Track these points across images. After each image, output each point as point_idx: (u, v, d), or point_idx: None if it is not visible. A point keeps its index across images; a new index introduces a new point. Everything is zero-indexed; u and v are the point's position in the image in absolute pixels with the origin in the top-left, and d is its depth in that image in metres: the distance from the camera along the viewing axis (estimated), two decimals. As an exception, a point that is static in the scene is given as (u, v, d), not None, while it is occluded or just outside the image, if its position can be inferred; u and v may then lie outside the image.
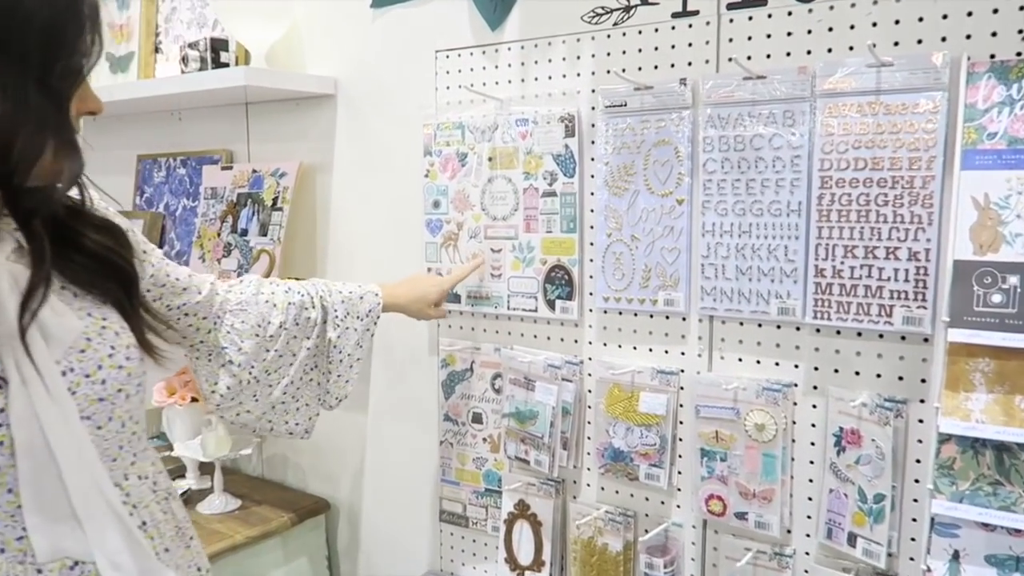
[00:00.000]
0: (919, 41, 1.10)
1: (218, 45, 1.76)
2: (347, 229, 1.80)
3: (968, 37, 1.07)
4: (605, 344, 1.44)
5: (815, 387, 1.23)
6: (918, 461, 1.15)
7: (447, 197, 1.59)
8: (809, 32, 1.18)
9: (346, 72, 1.76)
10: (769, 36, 1.22)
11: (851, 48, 1.15)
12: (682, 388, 1.36)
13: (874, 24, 1.13)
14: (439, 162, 1.59)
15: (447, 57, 1.58)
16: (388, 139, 1.70)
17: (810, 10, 1.18)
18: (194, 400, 1.88)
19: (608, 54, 1.38)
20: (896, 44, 1.12)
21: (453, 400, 1.64)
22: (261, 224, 1.83)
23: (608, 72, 1.38)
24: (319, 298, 1.32)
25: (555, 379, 1.43)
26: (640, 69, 1.34)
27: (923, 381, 1.14)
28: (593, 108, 1.41)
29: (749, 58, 1.23)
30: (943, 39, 1.08)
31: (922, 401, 1.14)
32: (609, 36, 1.37)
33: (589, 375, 1.46)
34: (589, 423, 1.47)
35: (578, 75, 1.42)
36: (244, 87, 1.69)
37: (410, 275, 1.54)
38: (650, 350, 1.39)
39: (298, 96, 1.81)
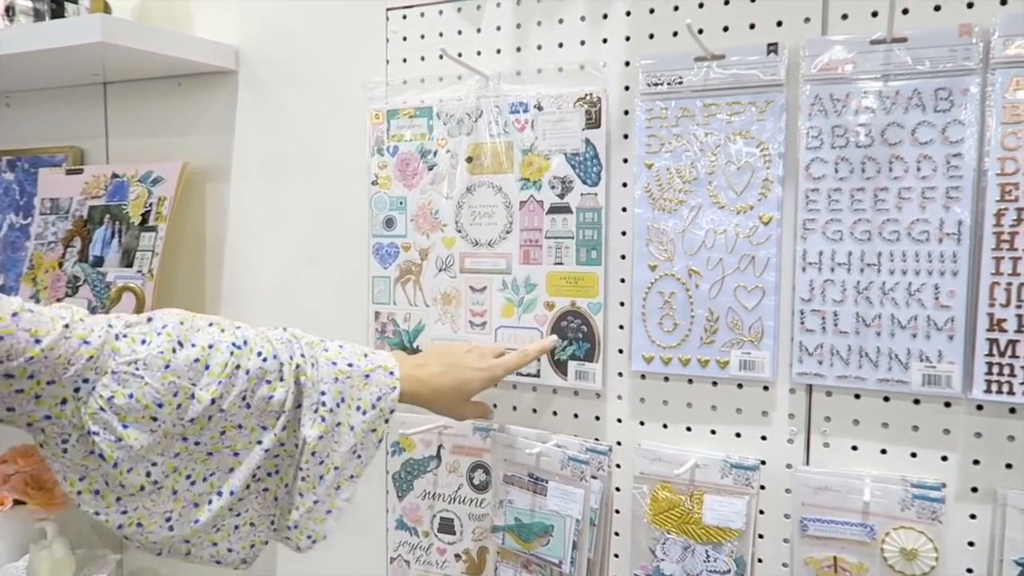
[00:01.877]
0: None
1: (61, -7, 1.23)
2: (253, 259, 1.29)
3: None
4: (642, 423, 1.01)
5: (974, 489, 0.85)
6: None
7: (405, 213, 1.12)
8: (970, -24, 0.82)
9: (253, 39, 1.26)
10: (906, -18, 0.84)
11: (1038, -1, 0.79)
12: (763, 487, 0.94)
13: (1075, -36, 0.78)
14: (394, 164, 1.12)
15: (404, 17, 1.13)
16: (316, 132, 1.22)
17: (972, -55, 0.82)
18: (19, 503, 1.30)
19: (651, 11, 0.97)
20: (1110, -7, 0.77)
21: (411, 500, 1.15)
22: (124, 250, 1.29)
23: (651, 37, 0.97)
24: (293, 366, 0.79)
25: (581, 478, 0.98)
26: (702, 32, 0.93)
27: None
28: (627, 88, 0.99)
29: (875, 15, 0.86)
30: None
31: None
32: (653, -15, 0.97)
33: (618, 467, 1.02)
34: (617, 535, 1.03)
35: (604, 41, 1.00)
36: (102, 53, 1.17)
37: (434, 346, 1.02)
38: (712, 432, 0.97)
39: (181, 72, 1.30)
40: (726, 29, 0.93)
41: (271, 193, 1.26)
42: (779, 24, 0.90)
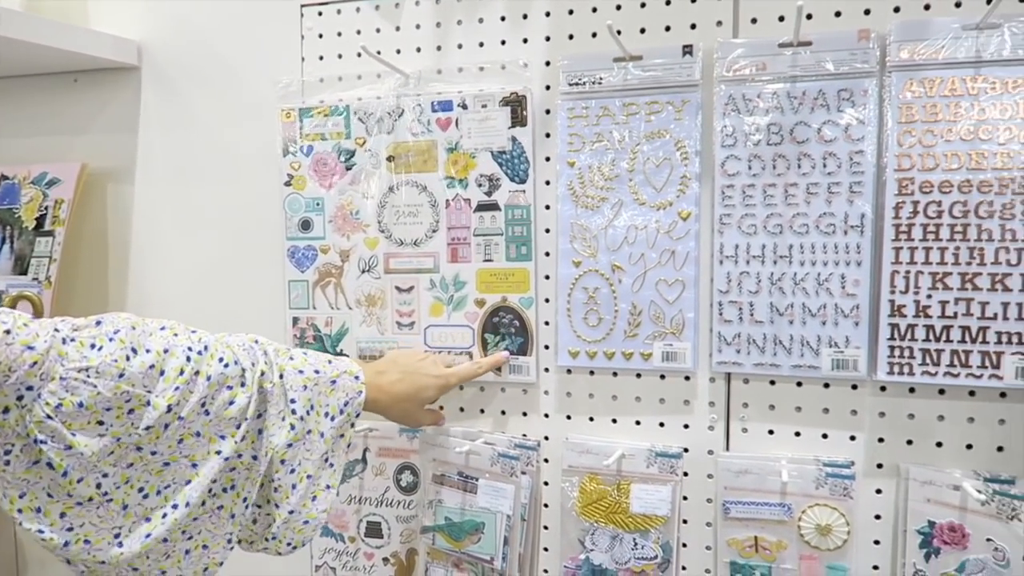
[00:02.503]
0: None
1: (-60, -20, 1.14)
2: (160, 265, 1.23)
3: (1088, -6, 0.81)
4: (569, 417, 1.03)
5: (880, 465, 0.91)
6: (1026, 559, 0.86)
7: (323, 214, 1.10)
8: (866, -15, 0.88)
9: (156, 34, 1.21)
10: (809, -10, 0.89)
11: (927, 7, 0.86)
12: (686, 474, 0.98)
13: (957, -24, 0.85)
14: (309, 164, 1.10)
15: (319, 15, 1.10)
16: (227, 132, 1.17)
17: (867, -44, 0.87)
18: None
19: (571, 12, 0.99)
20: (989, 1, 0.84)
21: (336, 505, 1.13)
22: (16, 256, 1.20)
23: (571, 37, 0.99)
24: (257, 372, 0.77)
25: (511, 474, 0.99)
26: (620, 33, 0.96)
27: (1031, 452, 0.86)
28: (548, 87, 1.00)
29: (781, 19, 0.90)
30: (1053, -3, 0.82)
31: (1030, 478, 0.86)
32: (572, -13, 0.99)
33: (546, 461, 1.04)
34: (547, 528, 1.04)
35: (525, 41, 1.01)
36: (-14, 48, 1.09)
37: (390, 354, 1.01)
38: (637, 423, 1.00)
39: (78, 68, 1.23)
40: (643, 31, 0.96)
41: (178, 195, 1.21)
42: (693, 27, 0.94)
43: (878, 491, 0.91)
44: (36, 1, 1.20)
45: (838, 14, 0.88)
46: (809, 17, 0.89)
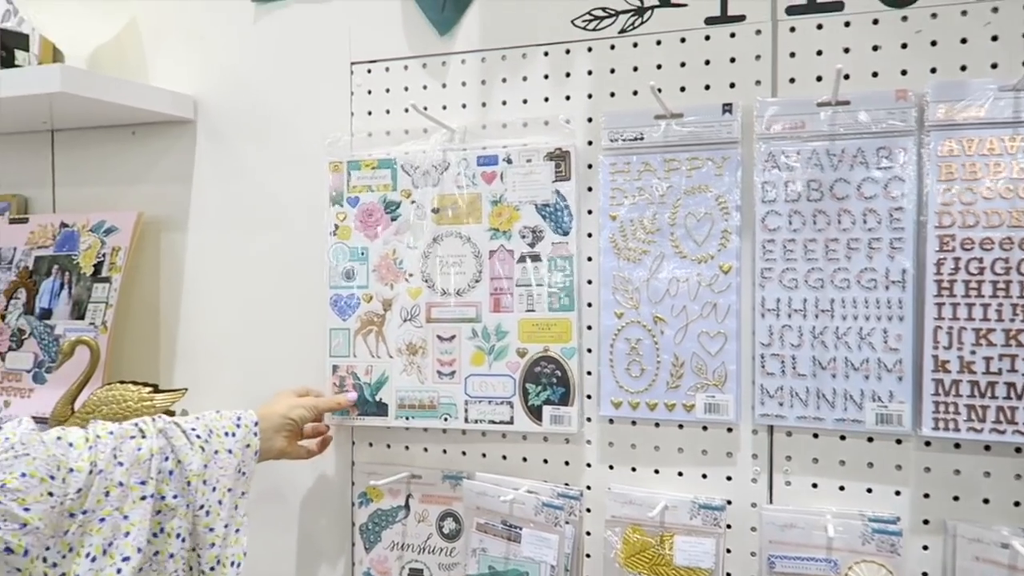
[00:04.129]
0: (1058, 61, 0.84)
1: (11, 41, 1.20)
2: (209, 311, 1.27)
3: None
4: (611, 467, 1.03)
5: (926, 521, 0.90)
6: (1080, 620, 0.84)
7: (367, 264, 1.13)
8: (904, 47, 0.90)
9: (211, 89, 1.26)
10: (847, 51, 0.92)
11: (963, 68, 0.87)
12: (729, 527, 0.98)
13: (994, 38, 0.86)
14: (355, 214, 1.13)
15: (368, 72, 1.15)
16: (276, 182, 1.22)
17: (904, 18, 0.89)
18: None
19: (612, 71, 1.02)
20: (1026, 64, 0.85)
21: (379, 551, 1.14)
22: (75, 302, 1.25)
23: (612, 95, 1.02)
24: (149, 423, 0.89)
25: (555, 524, 0.99)
26: (661, 91, 0.99)
27: (1082, 510, 0.85)
28: (590, 143, 1.03)
29: (819, 79, 0.92)
30: (1092, 58, 0.83)
31: (1082, 537, 0.85)
32: (613, 47, 1.02)
33: (588, 511, 1.04)
34: (588, 579, 1.04)
35: (567, 98, 1.04)
36: (49, 104, 1.15)
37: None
38: (680, 474, 1.00)
39: (136, 121, 1.28)
40: (683, 89, 0.98)
41: (228, 243, 1.25)
42: (732, 86, 0.96)
43: (925, 547, 0.90)
44: (99, 59, 1.26)
45: (875, 74, 0.90)
46: (847, 77, 0.91)
